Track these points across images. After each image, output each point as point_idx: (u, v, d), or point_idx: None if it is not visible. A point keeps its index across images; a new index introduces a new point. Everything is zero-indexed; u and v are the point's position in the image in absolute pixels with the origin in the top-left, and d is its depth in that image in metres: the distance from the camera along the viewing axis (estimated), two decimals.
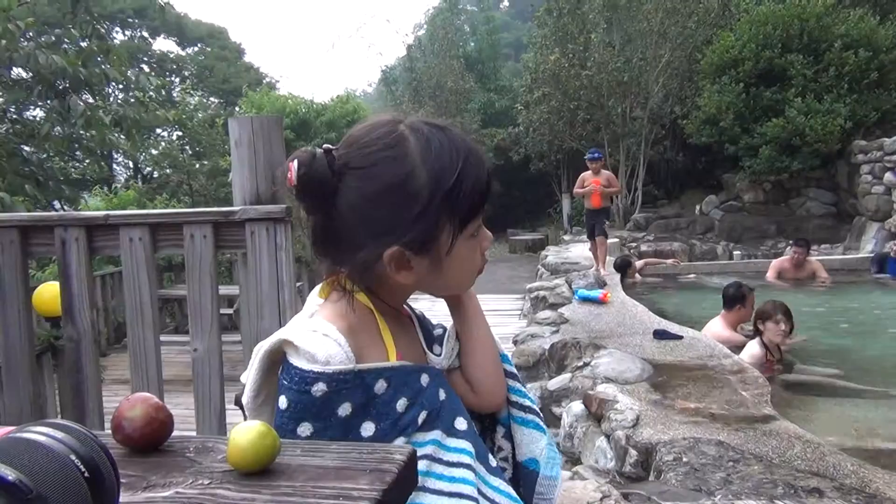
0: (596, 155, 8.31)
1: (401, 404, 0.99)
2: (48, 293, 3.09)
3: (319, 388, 0.92)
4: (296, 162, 0.97)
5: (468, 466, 1.01)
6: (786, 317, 4.92)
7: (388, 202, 0.98)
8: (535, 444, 1.19)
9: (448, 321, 1.22)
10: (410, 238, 0.98)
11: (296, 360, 0.95)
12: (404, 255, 0.99)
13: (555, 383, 4.54)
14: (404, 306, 1.20)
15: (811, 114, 11.66)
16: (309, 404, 0.93)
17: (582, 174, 8.43)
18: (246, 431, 0.74)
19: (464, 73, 21.80)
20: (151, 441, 0.80)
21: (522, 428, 1.20)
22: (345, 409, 0.94)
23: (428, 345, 1.17)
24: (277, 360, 1.01)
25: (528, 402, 1.21)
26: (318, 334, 0.97)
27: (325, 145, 1.00)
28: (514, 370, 1.24)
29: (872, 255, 9.74)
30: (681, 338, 5.11)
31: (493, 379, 1.18)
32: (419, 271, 1.02)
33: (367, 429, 0.95)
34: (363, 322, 1.04)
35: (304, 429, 0.93)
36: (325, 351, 0.94)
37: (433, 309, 1.23)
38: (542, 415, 1.24)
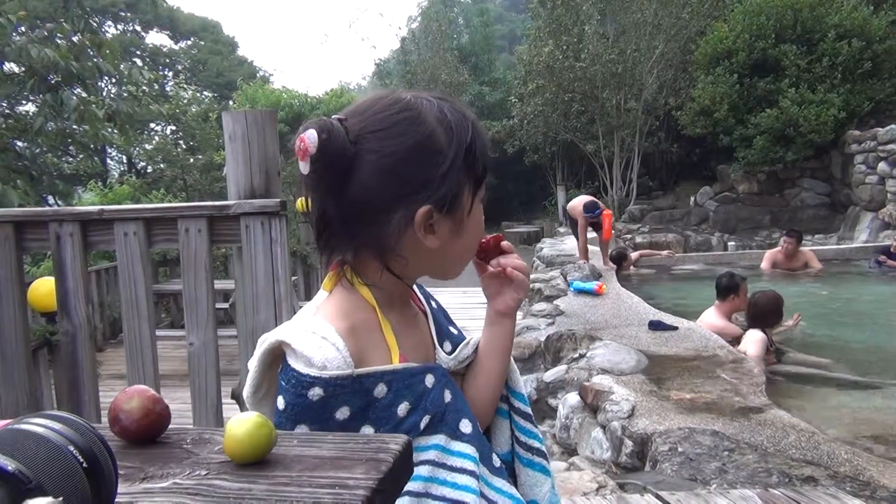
0: (596, 213, 8.31)
1: (402, 409, 0.96)
2: (43, 288, 3.09)
3: (316, 392, 0.91)
4: (313, 131, 0.93)
5: (472, 473, 0.99)
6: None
7: (416, 160, 0.96)
8: (539, 487, 1.17)
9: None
10: (441, 195, 0.97)
11: (293, 363, 0.94)
12: (432, 216, 0.97)
13: (550, 375, 4.56)
14: (419, 299, 1.18)
15: (805, 104, 11.68)
16: (306, 408, 0.92)
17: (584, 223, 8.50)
18: (242, 422, 0.74)
19: (458, 65, 21.79)
20: (148, 433, 0.80)
21: (528, 469, 1.18)
22: (343, 413, 0.92)
23: (439, 340, 1.14)
24: (279, 355, 0.99)
25: (537, 444, 1.19)
26: (317, 337, 0.94)
27: (333, 115, 0.98)
28: (529, 411, 1.21)
29: (870, 244, 9.77)
30: (676, 328, 5.13)
31: (481, 408, 1.15)
32: (441, 236, 1.00)
33: (366, 433, 0.94)
34: (365, 320, 1.01)
35: (302, 430, 0.92)
36: (321, 355, 0.92)
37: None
38: (548, 458, 1.22)
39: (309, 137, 0.93)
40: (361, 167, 0.95)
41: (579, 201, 8.61)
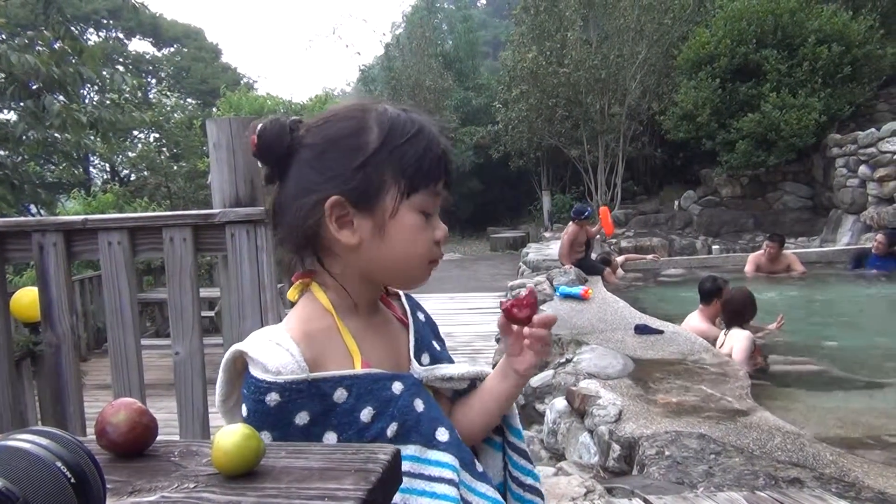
0: (587, 214, 8.41)
1: (365, 414, 0.97)
2: (26, 298, 3.06)
3: (273, 397, 0.92)
4: (260, 125, 1.02)
5: (450, 481, 0.99)
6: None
7: (335, 151, 1.00)
8: None
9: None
10: (352, 186, 0.99)
11: (253, 370, 0.96)
12: (345, 207, 0.99)
13: (537, 380, 4.56)
14: (404, 310, 1.18)
15: (786, 108, 11.78)
16: (265, 413, 0.93)
17: (575, 231, 8.54)
18: (230, 434, 0.74)
19: (442, 71, 21.83)
20: (136, 446, 0.80)
21: (517, 503, 1.18)
22: (302, 418, 0.93)
23: (417, 352, 1.13)
24: (244, 365, 1.00)
25: (530, 481, 1.19)
26: (272, 343, 0.96)
27: (293, 117, 1.04)
28: (525, 447, 1.21)
29: (852, 247, 9.85)
30: (661, 332, 5.15)
31: (466, 436, 1.14)
32: (362, 233, 1.01)
33: (329, 438, 0.95)
34: (324, 327, 1.03)
35: (265, 437, 0.92)
36: (275, 361, 0.94)
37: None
38: (543, 494, 1.20)
39: (256, 132, 1.02)
40: (296, 158, 1.02)
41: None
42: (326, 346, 1.01)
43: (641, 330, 5.20)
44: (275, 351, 0.95)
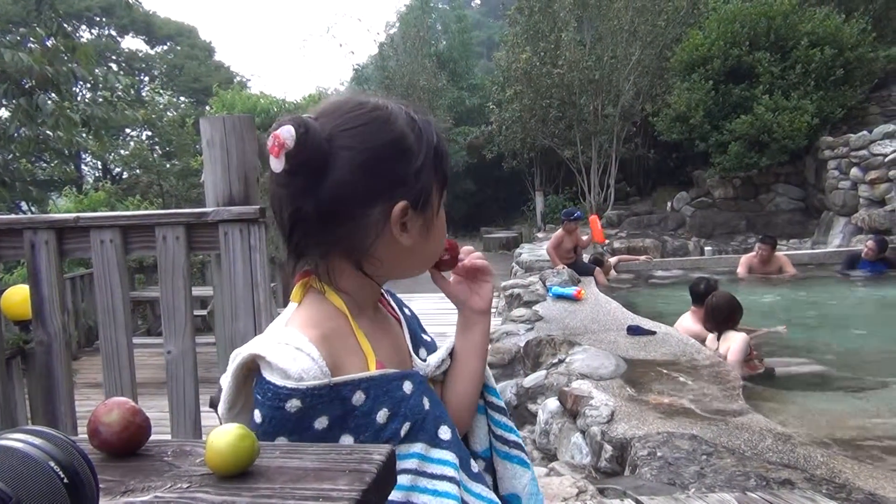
0: (576, 216, 8.48)
1: (381, 416, 0.96)
2: (17, 296, 3.05)
3: (294, 404, 0.90)
4: (290, 126, 0.92)
5: (452, 479, 0.99)
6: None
7: (391, 157, 0.98)
8: (517, 479, 1.18)
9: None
10: (416, 192, 0.99)
11: (269, 375, 0.92)
12: (407, 213, 0.99)
13: (530, 380, 4.57)
14: (392, 306, 1.18)
15: (779, 110, 11.83)
16: (284, 419, 0.91)
17: (561, 235, 8.63)
18: (224, 434, 0.73)
19: (436, 71, 21.81)
20: (129, 445, 0.80)
21: (506, 462, 1.19)
22: (321, 423, 0.92)
23: (414, 348, 1.14)
24: (253, 369, 0.98)
25: (513, 437, 1.20)
26: (291, 348, 0.93)
27: (304, 115, 0.98)
28: (503, 404, 1.22)
29: (844, 249, 9.89)
30: (654, 333, 5.16)
31: (463, 412, 1.17)
32: (412, 234, 1.01)
33: (346, 441, 0.93)
34: (338, 328, 1.01)
35: (281, 442, 0.91)
36: (297, 366, 0.91)
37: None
38: (526, 450, 1.23)
39: (285, 133, 0.92)
40: (337, 164, 0.95)
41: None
42: (342, 348, 0.99)
43: (634, 331, 5.21)
44: (295, 356, 0.93)
